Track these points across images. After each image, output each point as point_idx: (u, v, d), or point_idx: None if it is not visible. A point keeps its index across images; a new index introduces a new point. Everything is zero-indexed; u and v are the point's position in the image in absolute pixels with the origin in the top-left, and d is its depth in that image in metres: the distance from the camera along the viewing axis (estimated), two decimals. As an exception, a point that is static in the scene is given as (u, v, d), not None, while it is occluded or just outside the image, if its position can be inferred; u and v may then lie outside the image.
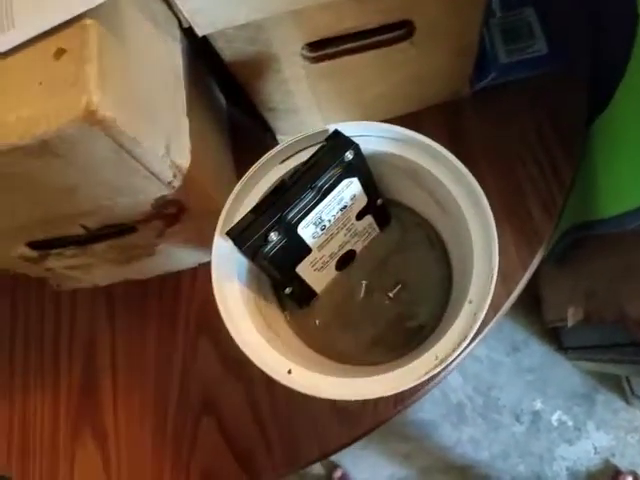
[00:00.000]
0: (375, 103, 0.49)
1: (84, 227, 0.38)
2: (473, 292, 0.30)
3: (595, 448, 1.12)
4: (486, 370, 1.17)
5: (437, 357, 0.29)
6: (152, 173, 0.30)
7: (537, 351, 1.16)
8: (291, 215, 0.32)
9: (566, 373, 1.15)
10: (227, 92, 0.54)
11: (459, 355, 0.43)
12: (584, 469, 1.11)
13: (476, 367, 1.17)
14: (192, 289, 0.52)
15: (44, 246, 0.41)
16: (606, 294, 0.60)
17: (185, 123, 0.33)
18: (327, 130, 0.33)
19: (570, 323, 0.76)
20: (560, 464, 1.12)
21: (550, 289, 0.96)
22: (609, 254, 0.59)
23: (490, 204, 0.47)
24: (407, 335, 0.38)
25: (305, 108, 0.48)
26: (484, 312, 0.29)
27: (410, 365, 0.29)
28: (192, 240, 0.46)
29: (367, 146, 0.34)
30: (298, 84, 0.44)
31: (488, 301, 0.29)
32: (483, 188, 0.48)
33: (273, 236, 0.31)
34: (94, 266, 0.47)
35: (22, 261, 0.43)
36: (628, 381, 1.08)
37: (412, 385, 0.28)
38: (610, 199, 0.44)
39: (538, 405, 1.15)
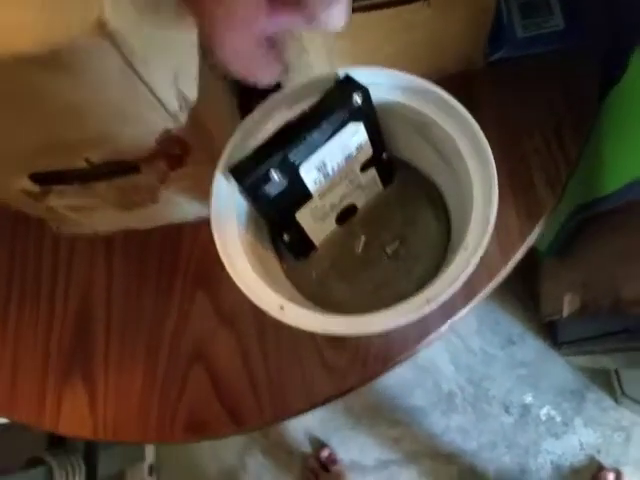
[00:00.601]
0: (388, 66, 0.49)
1: (88, 161, 0.38)
2: (469, 239, 0.30)
3: (581, 444, 1.12)
4: (480, 362, 1.18)
5: (428, 300, 0.29)
6: (158, 100, 0.30)
7: (532, 346, 1.17)
8: (294, 155, 0.32)
9: (559, 369, 1.15)
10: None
11: (456, 312, 0.43)
12: (568, 464, 1.12)
13: (470, 359, 1.18)
14: (192, 242, 0.52)
15: (47, 180, 0.41)
16: (603, 281, 0.60)
17: (195, 56, 0.33)
18: (336, 74, 0.33)
19: (566, 312, 0.76)
20: (545, 457, 1.13)
21: (549, 283, 0.96)
22: (607, 241, 0.59)
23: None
24: (402, 291, 0.38)
25: (318, 68, 0.48)
26: (478, 258, 0.29)
27: (401, 306, 0.29)
28: (195, 189, 0.46)
29: (376, 95, 0.34)
30: (312, 41, 0.44)
31: (483, 247, 0.29)
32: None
33: (275, 175, 0.32)
34: (96, 209, 0.47)
35: (24, 196, 0.43)
36: (619, 380, 1.08)
37: (401, 324, 0.28)
38: (618, 171, 0.44)
39: (528, 399, 1.15)
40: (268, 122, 0.35)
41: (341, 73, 0.33)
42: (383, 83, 0.34)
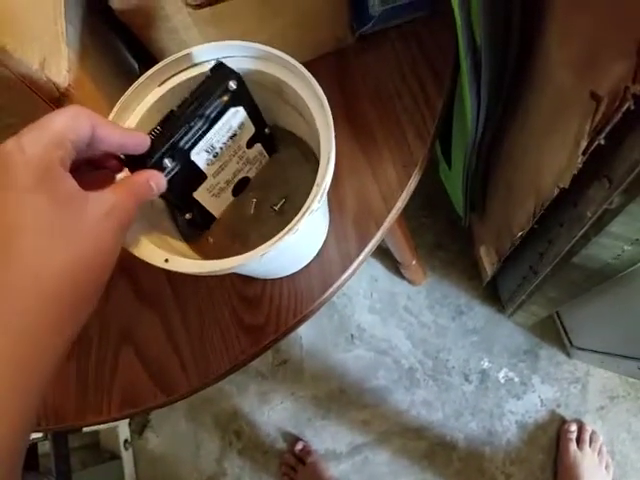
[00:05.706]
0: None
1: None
2: (320, 176, 0.35)
3: (541, 401, 1.17)
4: (434, 335, 1.22)
5: (291, 229, 0.33)
6: (29, 86, 0.34)
7: (480, 313, 1.22)
8: (183, 142, 0.35)
9: (509, 332, 1.20)
10: (139, 59, 0.59)
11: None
12: (532, 421, 1.16)
13: (424, 333, 1.23)
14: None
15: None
16: (502, 225, 0.65)
17: (64, 49, 0.37)
18: (190, 53, 0.38)
19: (487, 267, 0.81)
20: (509, 418, 1.17)
21: (482, 248, 1.02)
22: (499, 188, 0.65)
23: (372, 135, 0.53)
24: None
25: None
26: (325, 188, 0.34)
27: (267, 242, 0.34)
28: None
29: (235, 66, 0.38)
30: (188, 32, 0.49)
31: (328, 179, 0.34)
32: (367, 122, 0.53)
33: (167, 162, 0.35)
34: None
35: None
36: (566, 333, 1.14)
37: (262, 252, 0.33)
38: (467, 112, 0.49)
39: (485, 364, 1.20)
40: (142, 101, 0.39)
41: (194, 50, 0.37)
42: (237, 55, 0.39)
